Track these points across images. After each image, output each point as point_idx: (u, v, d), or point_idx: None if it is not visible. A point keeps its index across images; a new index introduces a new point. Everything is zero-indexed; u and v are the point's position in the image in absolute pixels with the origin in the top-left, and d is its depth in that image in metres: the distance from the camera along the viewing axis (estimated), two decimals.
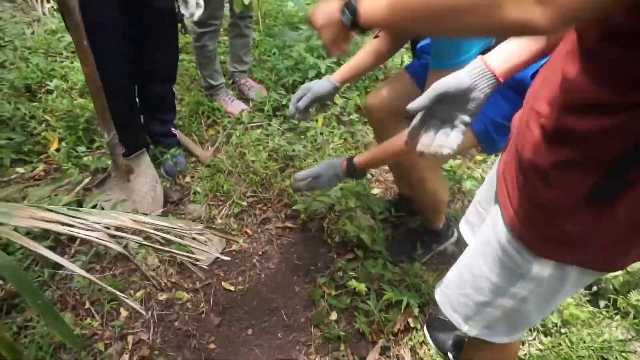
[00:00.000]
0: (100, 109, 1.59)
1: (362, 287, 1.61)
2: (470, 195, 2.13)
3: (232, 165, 2.06)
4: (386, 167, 2.24)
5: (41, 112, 2.18)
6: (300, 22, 3.02)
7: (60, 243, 1.71)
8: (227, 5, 2.28)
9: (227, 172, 2.05)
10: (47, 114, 2.18)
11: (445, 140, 0.81)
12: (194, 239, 1.14)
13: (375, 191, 2.08)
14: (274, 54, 2.66)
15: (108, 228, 0.90)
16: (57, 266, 1.62)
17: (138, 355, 1.47)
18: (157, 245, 1.00)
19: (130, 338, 1.51)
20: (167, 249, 1.03)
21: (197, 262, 1.27)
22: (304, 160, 2.12)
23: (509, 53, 0.83)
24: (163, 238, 1.00)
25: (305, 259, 1.82)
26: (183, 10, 1.73)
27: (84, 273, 0.76)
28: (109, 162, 2.02)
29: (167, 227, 1.06)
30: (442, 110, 0.81)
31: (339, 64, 2.59)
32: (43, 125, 2.15)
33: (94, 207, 1.72)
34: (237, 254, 1.81)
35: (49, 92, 2.30)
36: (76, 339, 1.37)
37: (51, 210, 0.87)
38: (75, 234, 0.79)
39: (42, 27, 2.74)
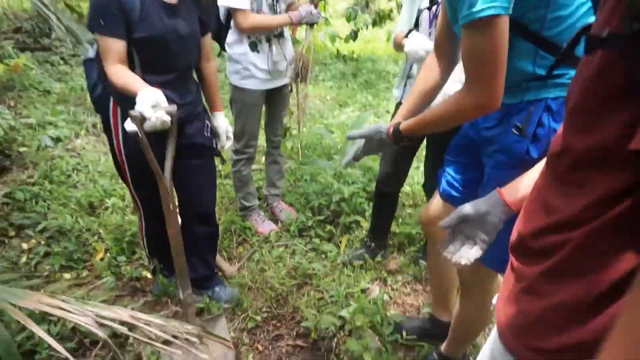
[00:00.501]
0: (179, 267, 1.64)
1: None
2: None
3: (252, 281, 2.17)
4: (406, 289, 2.25)
5: (96, 226, 2.48)
6: (335, 154, 3.33)
7: (83, 345, 1.83)
8: (263, 137, 2.63)
9: (247, 287, 2.15)
10: (101, 227, 2.48)
11: (466, 252, 1.00)
12: (186, 339, 1.22)
13: (392, 313, 2.06)
14: (306, 180, 2.92)
15: (102, 317, 1.03)
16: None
17: None
18: (156, 343, 1.10)
19: None
20: (159, 345, 1.11)
21: None
22: (322, 279, 2.19)
23: (523, 185, 0.99)
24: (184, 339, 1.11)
25: None
26: (218, 146, 1.96)
27: (64, 351, 0.86)
28: (144, 273, 2.22)
29: (160, 324, 1.16)
30: (466, 228, 1.02)
31: (365, 190, 2.78)
32: (95, 237, 2.43)
33: None
34: None
35: (107, 208, 2.63)
36: None
37: (57, 299, 1.01)
38: (68, 317, 0.92)
39: None
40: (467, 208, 1.01)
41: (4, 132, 2.88)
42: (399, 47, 1.95)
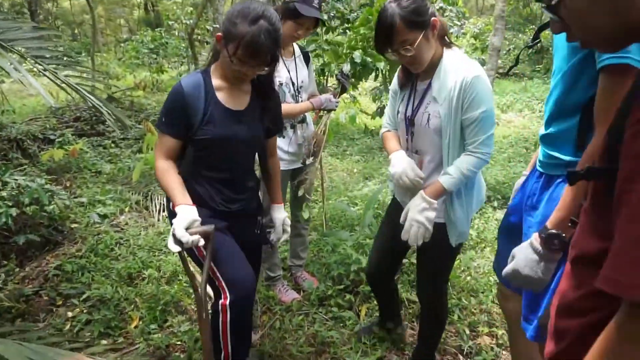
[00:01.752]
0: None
1: None
2: None
3: (272, 349, 2.27)
4: None
5: (133, 295, 2.69)
6: (356, 225, 3.48)
7: None
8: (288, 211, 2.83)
9: (268, 355, 2.25)
10: (137, 297, 2.69)
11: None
12: None
13: None
14: (327, 251, 3.07)
15: None
16: None
17: None
18: None
19: None
20: None
21: None
22: (340, 347, 2.27)
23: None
24: None
25: None
26: (272, 237, 1.97)
27: None
28: (173, 340, 2.37)
29: None
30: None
31: None
32: (132, 305, 2.63)
33: None
34: None
35: (143, 279, 2.86)
36: None
37: (94, 359, 1.19)
38: None
39: (153, 230, 3.53)
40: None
41: (59, 210, 3.24)
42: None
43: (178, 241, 1.51)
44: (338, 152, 6.21)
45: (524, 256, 1.27)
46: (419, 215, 1.68)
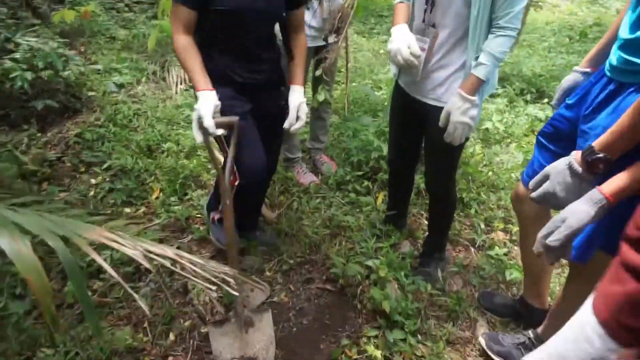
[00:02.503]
0: (229, 222, 1.67)
1: (378, 354, 1.70)
2: (513, 284, 2.11)
3: (289, 227, 2.33)
4: None
5: (153, 167, 2.72)
6: (380, 111, 3.35)
7: (139, 271, 2.09)
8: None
9: (285, 233, 2.32)
10: (157, 169, 2.72)
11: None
12: (223, 280, 1.39)
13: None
14: (348, 136, 2.99)
15: (150, 252, 1.21)
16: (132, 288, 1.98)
17: None
18: (195, 279, 1.27)
19: (170, 359, 1.77)
20: (198, 281, 1.29)
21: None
22: (355, 231, 2.31)
23: (622, 176, 1.01)
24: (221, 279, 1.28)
25: (337, 320, 1.95)
26: (285, 123, 1.80)
27: (115, 275, 1.05)
28: (193, 212, 2.44)
29: (201, 264, 1.33)
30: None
31: None
32: (152, 177, 2.67)
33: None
34: (278, 305, 2.01)
35: (163, 152, 2.86)
36: (100, 330, 1.68)
37: (115, 234, 1.20)
38: (122, 249, 1.10)
39: (172, 102, 3.45)
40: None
41: (74, 77, 3.14)
42: None
43: (204, 129, 1.52)
44: (365, 29, 5.79)
45: (562, 179, 1.12)
46: (462, 117, 1.59)
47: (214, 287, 1.34)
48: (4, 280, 1.89)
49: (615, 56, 1.26)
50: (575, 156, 1.12)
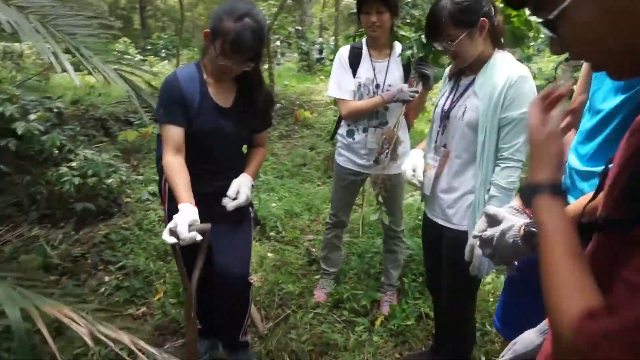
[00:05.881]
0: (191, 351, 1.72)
1: None
2: None
3: (277, 342, 2.29)
4: None
5: (164, 270, 2.86)
6: None
7: None
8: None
9: (269, 351, 2.26)
10: (167, 272, 2.85)
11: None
12: None
13: None
14: (355, 254, 3.02)
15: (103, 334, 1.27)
16: None
17: None
18: None
19: None
20: None
21: None
22: (340, 351, 2.23)
23: None
24: None
25: None
26: (224, 200, 1.79)
27: (52, 344, 1.11)
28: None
29: (153, 353, 1.36)
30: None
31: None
32: (161, 280, 2.80)
33: None
34: None
35: None
36: None
37: (76, 313, 1.29)
38: (72, 325, 1.18)
39: None
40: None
41: (116, 185, 3.53)
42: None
43: (176, 235, 1.51)
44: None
45: (505, 244, 1.05)
46: None
47: None
48: None
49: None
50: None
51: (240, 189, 1.80)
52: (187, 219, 1.51)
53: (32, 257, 2.74)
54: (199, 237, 1.53)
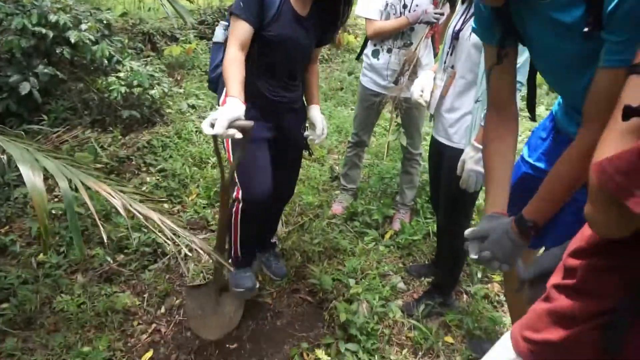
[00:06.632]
0: (220, 243, 1.88)
1: (325, 359, 1.82)
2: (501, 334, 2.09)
3: (292, 242, 2.56)
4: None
5: (198, 176, 3.15)
6: None
7: (156, 253, 2.45)
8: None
9: (282, 249, 2.53)
10: (202, 178, 3.14)
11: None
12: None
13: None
14: (375, 176, 3.18)
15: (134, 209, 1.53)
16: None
17: (151, 339, 1.99)
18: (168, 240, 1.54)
19: (153, 326, 2.05)
20: (167, 240, 1.57)
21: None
22: (348, 255, 2.47)
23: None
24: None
25: (306, 327, 2.10)
26: (311, 134, 1.96)
27: (126, 219, 1.37)
28: (217, 216, 2.78)
29: (177, 230, 1.62)
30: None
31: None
32: (195, 184, 3.09)
33: None
34: (260, 305, 2.22)
35: (210, 164, 3.30)
36: (83, 250, 2.01)
37: (113, 190, 1.55)
38: (108, 197, 1.44)
39: None
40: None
41: (159, 95, 3.76)
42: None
43: (214, 128, 1.46)
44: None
45: (500, 246, 1.11)
46: (475, 166, 1.67)
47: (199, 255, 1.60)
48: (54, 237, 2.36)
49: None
50: (512, 223, 1.10)
51: (323, 125, 1.94)
52: (229, 114, 1.45)
53: (85, 155, 3.08)
54: (239, 135, 1.47)
